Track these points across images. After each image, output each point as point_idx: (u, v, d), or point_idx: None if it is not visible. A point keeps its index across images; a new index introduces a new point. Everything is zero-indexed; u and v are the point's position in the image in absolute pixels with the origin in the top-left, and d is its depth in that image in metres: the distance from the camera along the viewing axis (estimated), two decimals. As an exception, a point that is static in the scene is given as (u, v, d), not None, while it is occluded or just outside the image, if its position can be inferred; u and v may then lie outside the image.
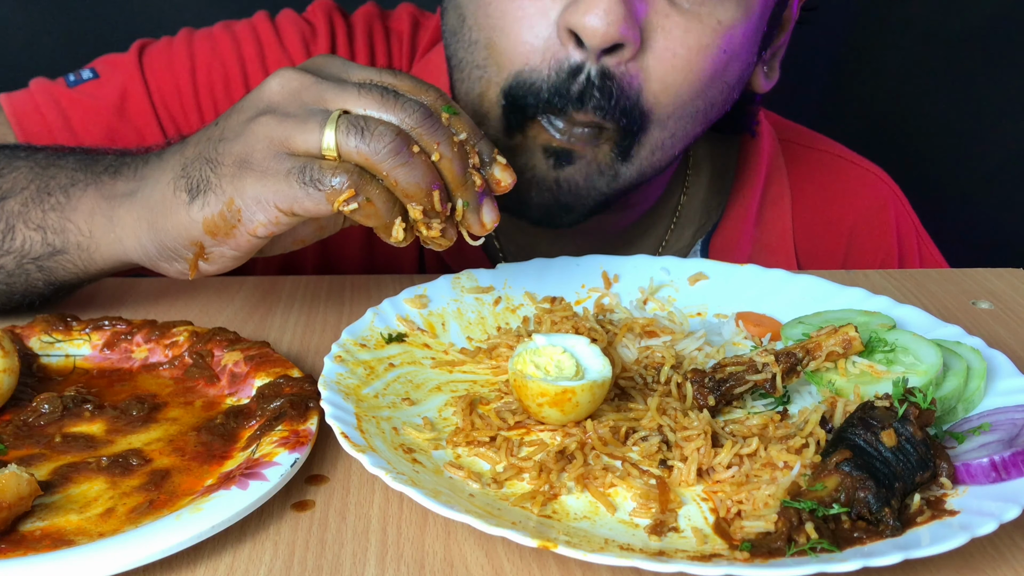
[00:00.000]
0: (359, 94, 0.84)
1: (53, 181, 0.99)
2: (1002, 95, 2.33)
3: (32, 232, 0.98)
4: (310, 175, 0.82)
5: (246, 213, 0.85)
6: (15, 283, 1.00)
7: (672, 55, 1.03)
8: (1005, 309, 1.12)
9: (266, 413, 0.82)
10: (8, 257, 0.98)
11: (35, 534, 0.70)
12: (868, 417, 0.75)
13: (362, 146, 0.82)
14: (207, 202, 0.87)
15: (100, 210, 0.95)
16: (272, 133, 0.85)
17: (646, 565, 0.65)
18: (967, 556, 0.71)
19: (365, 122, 0.83)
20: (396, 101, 0.84)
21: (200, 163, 0.88)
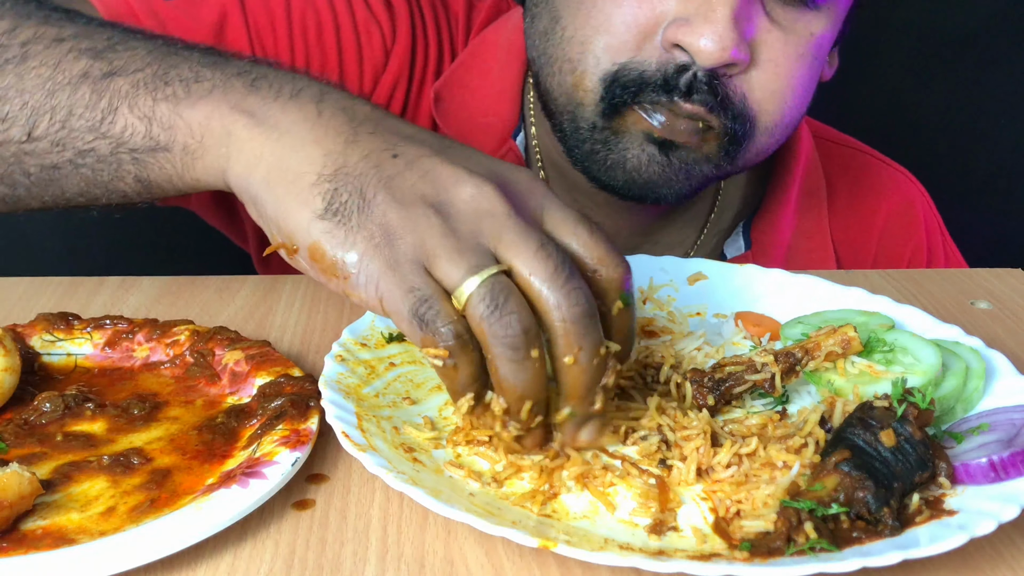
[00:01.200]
0: (535, 255, 0.73)
1: (174, 71, 0.87)
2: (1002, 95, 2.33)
3: (137, 120, 0.87)
4: (424, 311, 0.73)
5: (353, 278, 0.76)
6: (102, 172, 0.90)
7: (775, 67, 1.08)
8: (1004, 309, 1.12)
9: (267, 412, 0.82)
10: (104, 141, 0.88)
11: (36, 533, 0.70)
12: (867, 417, 0.75)
13: (486, 321, 0.72)
14: (332, 233, 0.77)
15: (219, 117, 0.84)
16: (427, 240, 0.74)
17: (646, 564, 0.65)
18: (966, 556, 0.71)
19: (505, 299, 0.72)
20: (567, 281, 0.73)
21: (354, 187, 0.77)
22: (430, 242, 0.74)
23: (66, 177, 0.91)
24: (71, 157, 0.89)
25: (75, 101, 0.88)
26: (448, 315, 0.73)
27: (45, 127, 0.89)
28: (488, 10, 1.34)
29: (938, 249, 1.48)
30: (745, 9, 1.04)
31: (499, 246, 0.74)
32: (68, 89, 0.88)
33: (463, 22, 1.35)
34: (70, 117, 0.88)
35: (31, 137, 0.89)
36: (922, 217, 1.47)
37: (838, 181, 1.43)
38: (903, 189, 1.47)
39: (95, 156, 0.89)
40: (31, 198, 0.95)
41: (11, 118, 0.89)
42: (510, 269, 0.73)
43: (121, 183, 0.90)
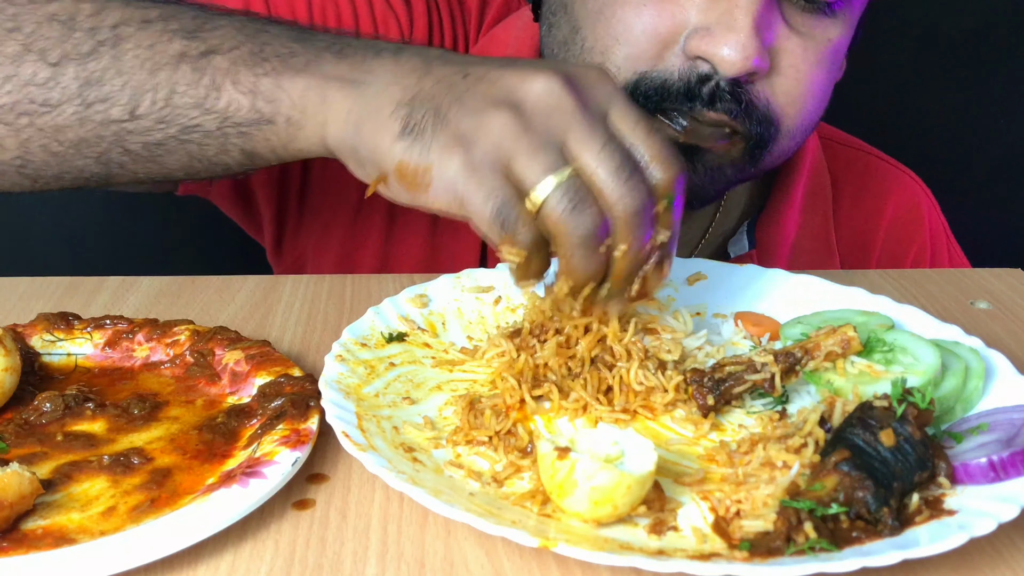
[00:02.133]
0: (600, 152, 0.79)
1: (268, 47, 0.91)
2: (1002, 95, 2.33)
3: (241, 96, 0.90)
4: (505, 213, 0.79)
5: (434, 187, 0.81)
6: (209, 146, 0.92)
7: (796, 72, 1.10)
8: (1004, 309, 1.12)
9: (267, 412, 0.82)
10: (210, 117, 0.91)
11: (37, 532, 0.70)
12: (867, 417, 0.75)
13: (563, 219, 0.78)
14: (411, 148, 0.81)
15: (315, 87, 0.88)
16: (504, 140, 0.79)
17: (646, 564, 0.65)
18: (965, 556, 0.71)
19: (582, 198, 0.78)
20: (629, 179, 0.79)
21: (430, 106, 0.82)
22: (505, 142, 0.79)
23: (170, 153, 0.93)
24: (176, 133, 0.91)
25: (177, 79, 0.90)
26: (527, 218, 0.79)
27: (148, 105, 0.91)
28: (499, 7, 1.35)
29: (942, 250, 1.48)
30: (766, 17, 1.05)
31: (568, 140, 0.79)
32: (168, 68, 0.90)
33: (476, 17, 1.36)
34: (173, 95, 0.90)
35: (133, 115, 0.91)
36: (927, 218, 1.47)
37: (843, 182, 1.44)
38: (908, 190, 1.48)
39: (201, 132, 0.91)
40: (126, 175, 0.97)
41: (111, 98, 0.90)
42: (578, 166, 0.79)
43: (226, 156, 0.93)
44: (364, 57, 0.89)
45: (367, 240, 1.33)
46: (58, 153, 0.94)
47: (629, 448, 0.74)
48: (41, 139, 0.93)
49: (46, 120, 0.92)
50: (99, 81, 0.91)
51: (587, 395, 0.85)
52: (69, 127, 0.92)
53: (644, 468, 0.72)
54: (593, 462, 0.70)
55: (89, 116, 0.91)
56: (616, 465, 0.71)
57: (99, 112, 0.91)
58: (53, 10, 0.92)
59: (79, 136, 0.92)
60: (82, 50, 0.91)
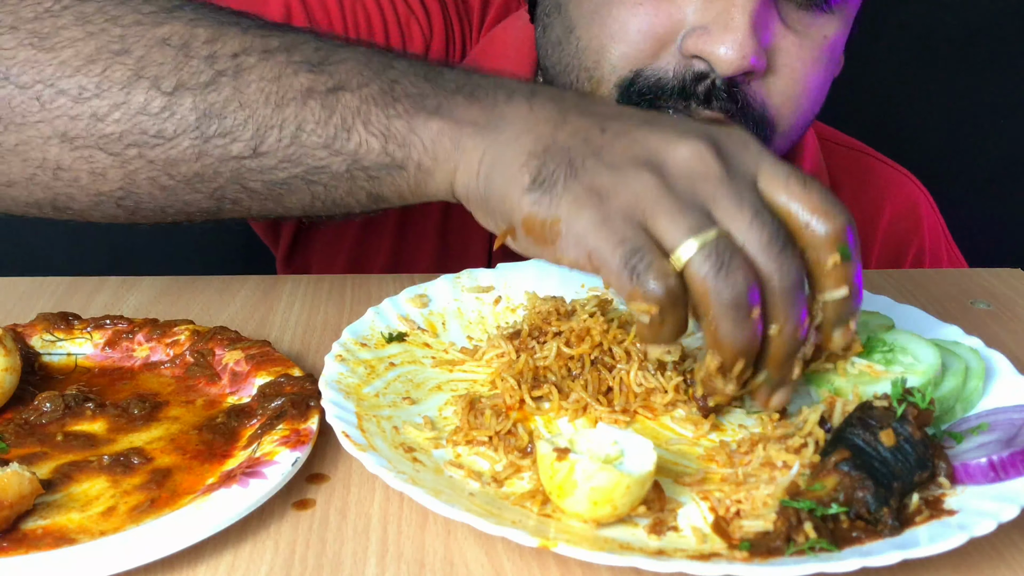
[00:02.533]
0: (749, 225, 0.74)
1: (398, 86, 0.85)
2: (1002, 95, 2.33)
3: (372, 137, 0.84)
4: (636, 262, 0.73)
5: (563, 241, 0.76)
6: (336, 189, 0.86)
7: (791, 72, 1.08)
8: (1004, 309, 1.12)
9: (267, 412, 0.82)
10: (339, 158, 0.84)
11: (37, 532, 0.70)
12: (867, 417, 0.75)
13: (710, 281, 0.72)
14: (539, 202, 0.77)
15: (448, 132, 0.83)
16: (644, 197, 0.74)
17: (646, 564, 0.65)
18: (965, 556, 0.71)
19: (731, 258, 0.73)
20: (781, 252, 0.74)
21: (562, 158, 0.78)
22: (646, 200, 0.74)
23: (293, 193, 0.87)
24: (301, 173, 0.86)
25: (304, 116, 0.84)
26: (661, 269, 0.73)
27: (273, 142, 0.85)
28: (499, 7, 1.35)
29: (941, 251, 1.48)
30: (763, 16, 1.04)
31: (714, 210, 0.74)
32: (295, 104, 0.84)
33: (477, 16, 1.36)
34: (300, 132, 0.84)
35: (256, 152, 0.85)
36: (925, 219, 1.47)
37: (842, 183, 1.43)
38: (907, 191, 1.47)
39: (329, 173, 0.85)
40: (236, 211, 0.91)
41: (232, 132, 0.85)
42: (727, 232, 0.74)
43: (352, 199, 0.88)
44: (496, 101, 0.84)
45: (377, 248, 1.33)
46: (167, 187, 0.87)
47: (629, 448, 0.73)
48: (150, 171, 0.86)
49: (158, 153, 0.85)
50: (220, 114, 0.84)
51: (587, 396, 0.86)
52: (184, 161, 0.86)
53: (644, 468, 0.72)
54: (593, 462, 0.70)
55: (207, 151, 0.85)
56: (616, 465, 0.71)
57: (218, 147, 0.85)
58: (164, 34, 0.86)
59: (194, 171, 0.86)
60: (201, 80, 0.84)
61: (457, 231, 1.33)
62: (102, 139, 0.85)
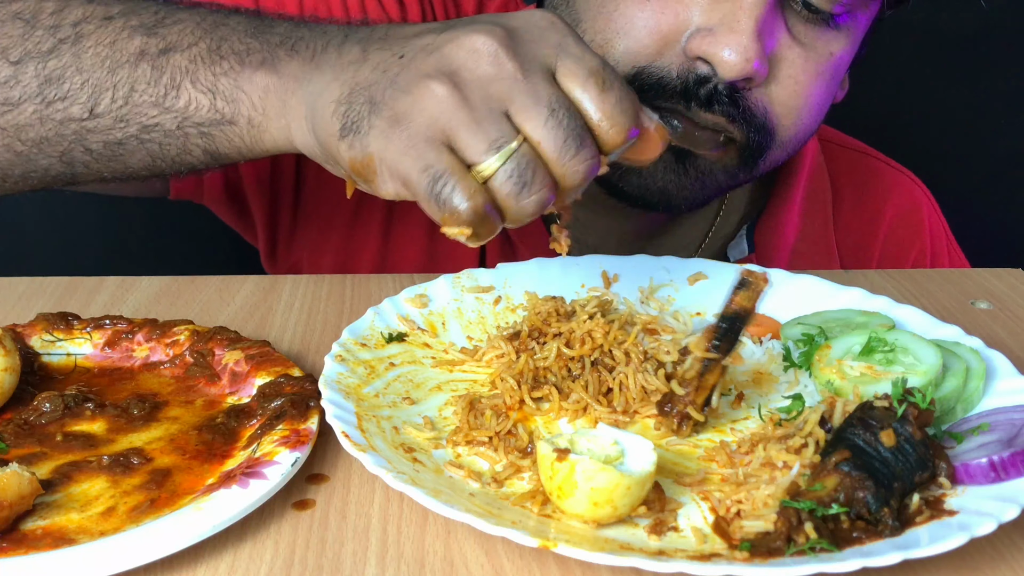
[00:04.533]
0: (544, 125, 0.75)
1: (225, 44, 0.89)
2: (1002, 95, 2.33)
3: (200, 95, 0.89)
4: (441, 187, 0.74)
5: (379, 176, 0.78)
6: (169, 146, 0.92)
7: (794, 83, 1.09)
8: (1004, 309, 1.12)
9: (267, 412, 0.82)
10: (168, 115, 0.90)
11: (36, 533, 0.70)
12: (867, 417, 0.75)
13: (513, 199, 0.75)
14: (352, 145, 0.79)
15: (274, 89, 0.87)
16: (441, 113, 0.75)
17: (646, 565, 0.65)
18: (966, 556, 0.71)
19: (532, 176, 0.75)
20: (576, 154, 0.75)
21: (365, 98, 0.79)
22: (443, 116, 0.75)
23: (131, 152, 0.93)
24: (135, 132, 0.91)
25: (136, 77, 0.89)
26: (465, 190, 0.74)
27: (107, 103, 0.90)
28: (498, 8, 1.34)
29: (942, 252, 1.47)
30: (769, 23, 1.04)
31: (511, 108, 0.75)
32: (127, 66, 0.90)
33: (473, 11, 1.35)
34: (132, 93, 0.90)
35: (93, 114, 0.91)
36: (927, 221, 1.47)
37: (843, 184, 1.43)
38: (908, 193, 1.47)
39: (161, 131, 0.90)
40: (90, 174, 0.96)
41: (71, 96, 0.90)
42: (524, 136, 0.75)
43: (189, 156, 0.92)
44: (313, 51, 0.87)
45: (365, 244, 1.33)
46: (21, 153, 0.94)
47: (629, 449, 0.73)
48: (3, 138, 0.93)
49: (8, 119, 0.92)
50: (59, 79, 0.91)
51: (587, 396, 0.85)
52: (30, 126, 0.92)
53: (644, 469, 0.71)
54: (593, 463, 0.70)
55: (49, 115, 0.92)
56: (616, 466, 0.71)
57: (59, 111, 0.91)
58: (17, 9, 0.93)
59: (40, 135, 0.93)
60: (43, 48, 0.91)
61: None
62: None
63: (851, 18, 1.11)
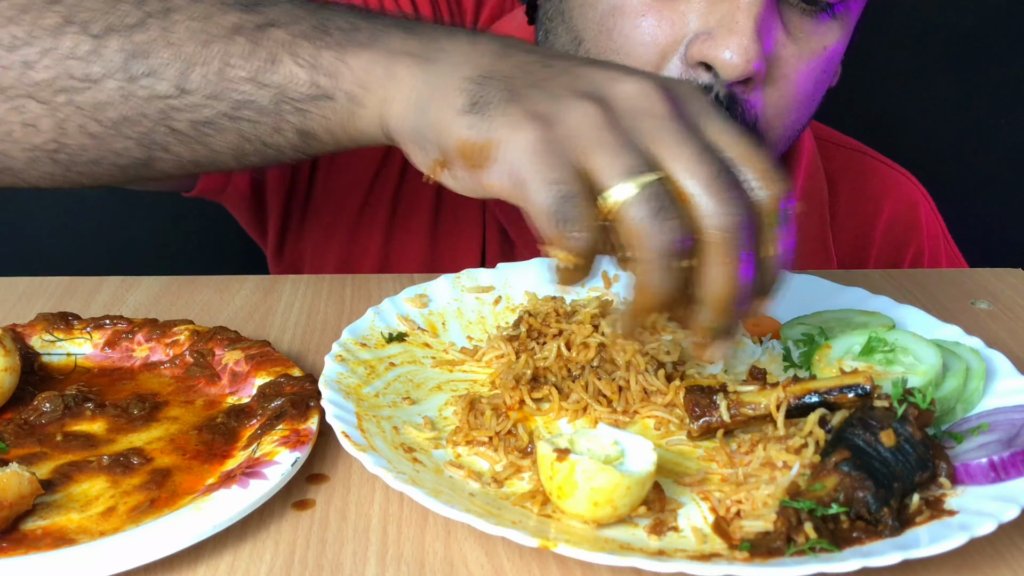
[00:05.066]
0: (696, 159, 0.70)
1: (331, 22, 0.84)
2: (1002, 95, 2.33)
3: (298, 68, 0.83)
4: (565, 209, 0.69)
5: (495, 166, 0.72)
6: (261, 125, 0.85)
7: (787, 82, 1.07)
8: (1004, 309, 1.12)
9: (267, 412, 0.82)
10: (264, 91, 0.83)
11: (36, 533, 0.70)
12: (867, 417, 0.75)
13: (643, 226, 0.68)
14: (474, 125, 0.73)
15: (380, 62, 0.81)
16: (585, 128, 0.71)
17: (646, 565, 0.65)
18: (966, 556, 0.71)
19: (665, 206, 0.69)
20: (727, 191, 0.70)
21: (501, 85, 0.74)
22: (587, 132, 0.71)
23: (219, 132, 0.86)
24: (226, 110, 0.85)
25: (231, 51, 0.83)
26: (589, 220, 0.69)
27: (198, 80, 0.84)
28: (493, 8, 1.34)
29: (940, 252, 1.47)
30: (767, 21, 1.03)
31: (658, 146, 0.71)
32: (221, 40, 0.83)
33: (471, 16, 1.35)
34: (226, 67, 0.83)
35: (181, 90, 0.84)
36: (924, 220, 1.46)
37: (840, 184, 1.43)
38: (905, 192, 1.47)
39: (255, 108, 0.84)
40: (169, 159, 0.90)
41: (158, 71, 0.84)
42: (668, 175, 0.70)
43: (279, 136, 0.86)
44: (436, 35, 0.82)
45: (367, 243, 1.33)
46: (96, 135, 0.87)
47: (629, 449, 0.73)
48: (79, 118, 0.86)
49: (86, 97, 0.85)
50: (145, 54, 0.84)
51: (587, 396, 0.85)
52: (111, 104, 0.85)
53: (644, 469, 0.72)
54: (593, 463, 0.70)
55: (133, 91, 0.85)
56: (616, 466, 0.71)
57: (144, 87, 0.85)
58: None
59: (121, 114, 0.86)
60: (128, 21, 0.84)
61: (448, 230, 1.32)
62: (33, 87, 0.86)
63: (845, 7, 1.09)
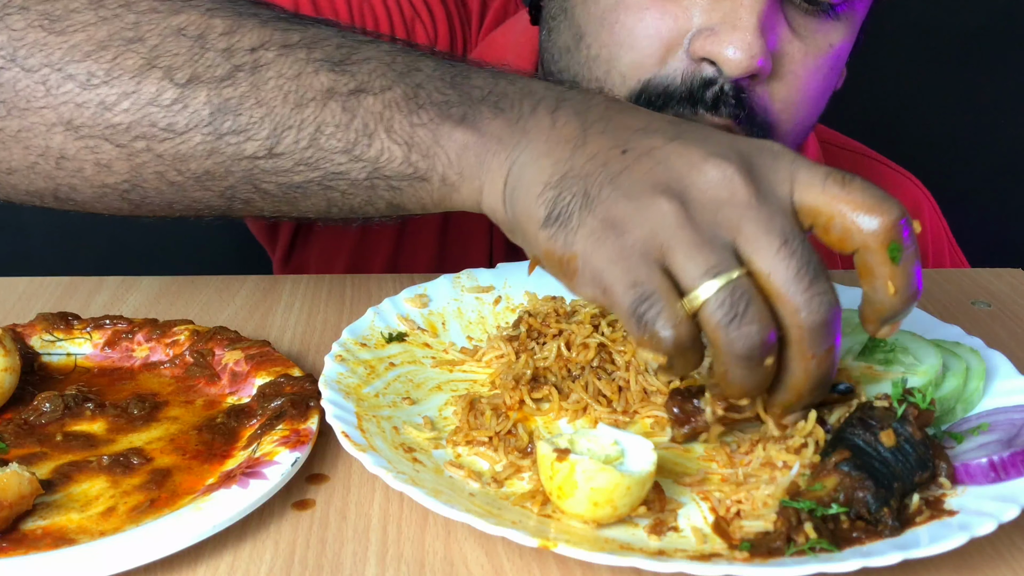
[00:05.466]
0: (776, 255, 0.69)
1: (422, 92, 0.81)
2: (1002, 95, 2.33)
3: (395, 145, 0.80)
4: (645, 309, 0.69)
5: (580, 277, 0.73)
6: (355, 196, 0.83)
7: (795, 78, 1.07)
8: (1004, 309, 1.12)
9: (267, 412, 0.82)
10: (359, 165, 0.81)
11: (36, 533, 0.70)
12: (867, 417, 0.75)
13: (722, 329, 0.68)
14: (555, 238, 0.73)
15: (473, 147, 0.79)
16: (662, 230, 0.70)
17: (646, 565, 0.65)
18: (966, 556, 0.71)
19: (745, 308, 0.68)
20: (812, 284, 0.69)
21: (578, 188, 0.74)
22: (663, 233, 0.70)
23: (308, 197, 0.84)
24: (318, 178, 0.82)
25: (324, 118, 0.80)
26: (671, 317, 0.69)
27: (290, 143, 0.81)
28: (497, 10, 1.34)
29: (944, 256, 1.46)
30: (770, 17, 1.03)
31: (739, 238, 0.70)
32: (314, 104, 0.80)
33: (476, 18, 1.35)
34: (319, 135, 0.81)
35: (271, 153, 0.81)
36: (928, 223, 1.45)
37: None
38: (909, 195, 1.46)
39: (348, 180, 0.82)
40: (247, 211, 0.88)
41: (248, 131, 0.81)
42: (750, 268, 0.69)
43: (370, 207, 0.84)
44: (521, 112, 0.79)
45: (376, 250, 1.32)
46: (176, 183, 0.84)
47: (629, 449, 0.73)
48: (158, 166, 0.83)
49: (167, 147, 0.82)
50: (235, 111, 0.80)
51: (587, 396, 0.85)
52: (194, 158, 0.82)
53: (644, 469, 0.71)
54: (593, 463, 0.70)
55: (220, 148, 0.81)
56: (616, 466, 0.71)
57: (232, 145, 0.81)
58: (180, 23, 0.82)
59: (204, 168, 0.83)
60: (216, 73, 0.81)
61: (457, 233, 1.32)
62: (109, 129, 0.82)
63: (849, 7, 1.09)
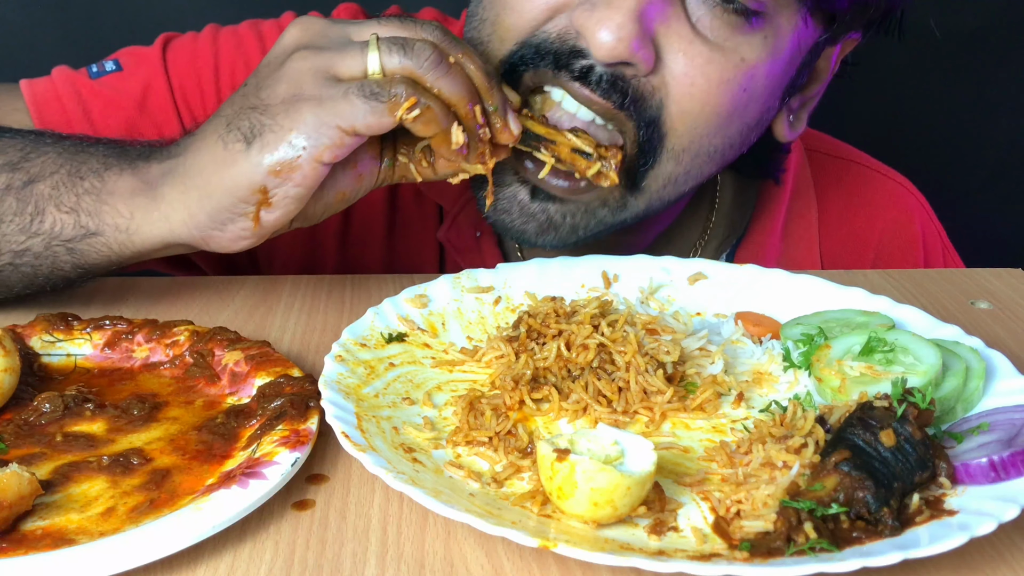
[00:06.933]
0: (380, 24, 0.91)
1: (84, 166, 0.98)
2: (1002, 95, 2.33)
3: (64, 215, 0.97)
4: (370, 90, 0.87)
5: (310, 141, 0.88)
6: (41, 265, 0.99)
7: (691, 82, 1.02)
8: (1004, 309, 1.12)
9: (267, 412, 0.82)
10: (36, 239, 0.98)
11: (36, 533, 0.70)
12: (867, 417, 0.75)
13: (406, 61, 0.89)
14: (266, 142, 0.89)
15: (140, 191, 0.95)
16: (315, 64, 0.89)
17: (646, 565, 0.65)
18: (966, 556, 0.71)
19: (404, 40, 0.89)
20: (415, 25, 0.91)
21: (245, 114, 0.91)
22: (317, 64, 0.89)
23: (8, 277, 1.00)
24: (9, 260, 0.99)
25: (3, 211, 0.97)
26: (386, 81, 0.88)
27: None
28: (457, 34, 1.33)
29: (938, 262, 1.42)
30: (657, 6, 0.98)
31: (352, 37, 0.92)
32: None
33: None
34: (0, 224, 0.97)
35: None
36: (921, 231, 1.41)
37: (831, 196, 1.37)
38: (900, 202, 1.41)
39: (31, 254, 0.98)
40: None
41: None
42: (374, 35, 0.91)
43: (60, 272, 0.99)
44: (167, 151, 0.96)
45: (324, 254, 1.31)
46: None
47: (629, 449, 0.73)
48: None
49: None
50: None
51: (587, 396, 0.85)
52: None
53: (644, 469, 0.71)
54: (593, 463, 0.70)
55: None
56: (616, 466, 0.71)
57: None
58: None
59: None
60: None
61: (404, 232, 1.32)
62: None
63: (768, 23, 1.03)
